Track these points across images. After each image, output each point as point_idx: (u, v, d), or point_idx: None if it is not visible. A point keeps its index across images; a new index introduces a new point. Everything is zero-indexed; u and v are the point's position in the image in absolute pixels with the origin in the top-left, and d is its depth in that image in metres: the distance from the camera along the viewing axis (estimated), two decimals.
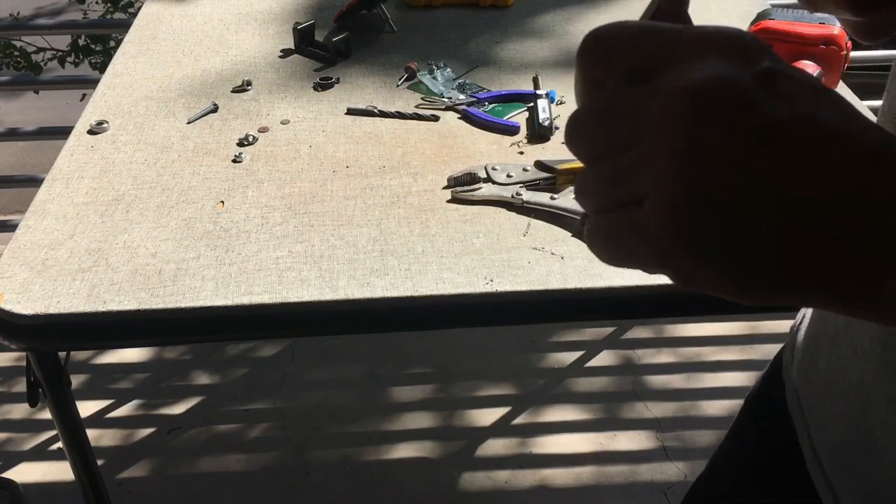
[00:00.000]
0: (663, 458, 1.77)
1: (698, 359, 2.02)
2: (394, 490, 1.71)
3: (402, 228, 0.90)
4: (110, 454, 1.77)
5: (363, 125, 1.10)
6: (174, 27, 1.36)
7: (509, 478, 1.73)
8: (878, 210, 0.28)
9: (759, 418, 0.79)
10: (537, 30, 1.36)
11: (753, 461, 0.78)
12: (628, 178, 0.30)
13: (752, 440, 0.79)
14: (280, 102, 1.15)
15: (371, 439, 1.81)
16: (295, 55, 1.27)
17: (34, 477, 1.73)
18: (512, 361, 2.01)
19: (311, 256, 0.87)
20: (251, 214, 0.93)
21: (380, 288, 0.83)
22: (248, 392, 1.93)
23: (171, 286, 0.83)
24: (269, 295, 0.82)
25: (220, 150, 1.04)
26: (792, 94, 0.29)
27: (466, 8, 1.42)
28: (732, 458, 0.82)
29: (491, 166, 0.96)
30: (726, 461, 0.83)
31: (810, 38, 1.08)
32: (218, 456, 1.78)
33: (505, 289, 0.83)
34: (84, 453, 0.99)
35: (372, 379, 1.97)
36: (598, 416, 1.87)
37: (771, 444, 0.74)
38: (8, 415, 1.89)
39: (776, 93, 0.28)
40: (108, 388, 1.94)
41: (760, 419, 0.78)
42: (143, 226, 0.91)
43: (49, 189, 0.97)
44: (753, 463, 0.78)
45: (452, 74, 1.20)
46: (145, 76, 1.21)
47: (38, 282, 0.83)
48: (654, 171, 0.28)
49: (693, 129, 0.28)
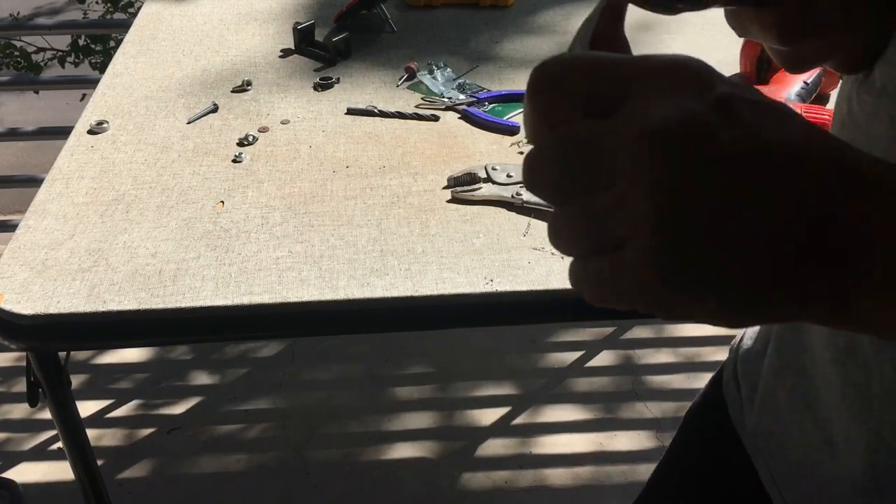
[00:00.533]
0: None
1: (698, 359, 2.02)
2: (394, 490, 1.71)
3: (402, 228, 0.90)
4: (110, 454, 1.77)
5: (363, 125, 1.10)
6: (174, 27, 1.36)
7: (509, 478, 1.73)
8: (849, 227, 0.28)
9: (702, 427, 0.80)
10: (537, 29, 1.36)
11: (697, 469, 0.79)
12: (605, 222, 0.29)
13: (695, 448, 0.80)
14: (280, 102, 1.15)
15: (371, 439, 1.81)
16: (295, 55, 1.27)
17: (34, 477, 1.73)
18: (512, 361, 2.01)
19: (311, 256, 0.87)
20: (251, 214, 0.93)
21: (380, 288, 0.83)
22: (248, 392, 1.93)
23: (171, 286, 0.83)
24: (269, 295, 0.82)
25: (220, 150, 1.04)
26: (752, 119, 0.28)
27: (466, 8, 1.42)
28: (677, 465, 0.83)
29: (491, 166, 0.96)
30: (671, 468, 0.84)
31: None
32: (218, 456, 1.78)
33: (505, 289, 0.83)
34: (84, 453, 0.99)
35: (372, 379, 1.97)
36: (598, 416, 1.87)
37: (714, 453, 0.75)
38: (8, 415, 1.89)
39: (735, 119, 0.28)
40: (108, 388, 1.94)
41: (703, 428, 0.79)
42: (143, 226, 0.91)
43: (49, 189, 0.97)
44: (696, 472, 0.78)
45: (452, 74, 1.20)
46: (145, 76, 1.21)
47: (38, 282, 0.83)
48: (632, 215, 0.28)
49: (666, 170, 0.28)
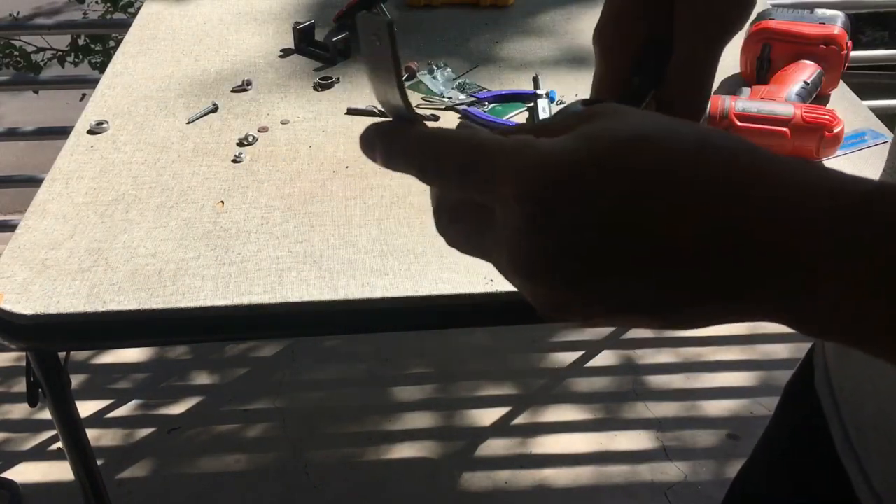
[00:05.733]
0: (663, 458, 1.77)
1: (698, 359, 2.02)
2: (394, 490, 1.71)
3: (402, 228, 0.90)
4: (110, 454, 1.77)
5: (363, 125, 1.09)
6: (174, 27, 1.36)
7: (509, 478, 1.73)
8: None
9: (796, 394, 0.78)
10: (537, 29, 1.36)
11: (792, 440, 0.77)
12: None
13: (788, 423, 0.79)
14: (280, 102, 1.15)
15: (371, 439, 1.81)
16: (295, 55, 1.27)
17: (34, 477, 1.72)
18: (512, 361, 2.01)
19: (311, 256, 0.87)
20: (251, 214, 0.93)
21: (380, 288, 0.83)
22: (248, 392, 1.93)
23: (171, 286, 0.83)
24: (269, 295, 0.82)
25: (219, 150, 1.04)
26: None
27: (466, 8, 1.42)
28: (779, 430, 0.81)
29: None
30: (771, 436, 0.82)
31: (810, 37, 1.08)
32: (218, 456, 1.78)
33: (505, 289, 0.83)
34: (84, 453, 0.98)
35: (372, 379, 1.97)
36: (598, 416, 1.87)
37: (809, 422, 0.73)
38: (8, 415, 1.89)
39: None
40: (108, 388, 1.94)
41: (798, 397, 0.78)
42: (142, 226, 0.91)
43: (49, 189, 0.97)
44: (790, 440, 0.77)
45: (452, 74, 1.20)
46: (145, 76, 1.21)
47: (38, 282, 0.83)
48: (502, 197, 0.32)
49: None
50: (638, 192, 0.30)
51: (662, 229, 0.30)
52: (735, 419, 1.85)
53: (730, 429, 1.82)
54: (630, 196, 0.30)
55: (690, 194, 0.30)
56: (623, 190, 0.30)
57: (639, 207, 0.30)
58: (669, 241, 0.30)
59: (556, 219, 0.30)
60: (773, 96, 1.03)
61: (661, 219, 0.30)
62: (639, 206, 0.30)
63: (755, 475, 0.82)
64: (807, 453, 0.72)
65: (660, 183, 0.30)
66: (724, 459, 1.75)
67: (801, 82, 1.05)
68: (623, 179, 0.30)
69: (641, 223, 0.30)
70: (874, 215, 0.29)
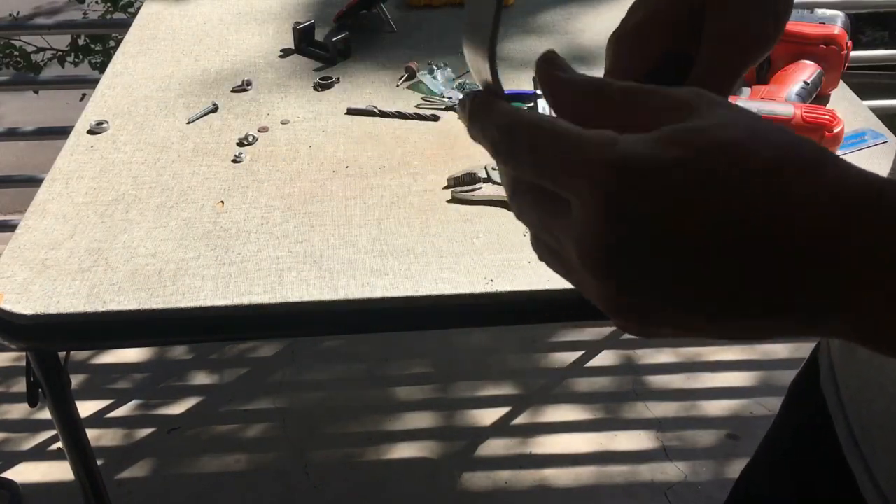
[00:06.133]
0: (663, 458, 1.77)
1: (698, 359, 2.02)
2: (394, 490, 1.71)
3: (402, 228, 0.90)
4: (110, 454, 1.77)
5: (363, 125, 1.10)
6: (174, 27, 1.36)
7: (509, 478, 1.73)
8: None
9: (800, 393, 0.78)
10: (538, 29, 1.36)
11: (795, 438, 0.77)
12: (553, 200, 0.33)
13: (792, 423, 0.79)
14: (280, 102, 1.15)
15: (371, 439, 1.81)
16: (295, 55, 1.27)
17: (34, 477, 1.72)
18: (512, 361, 2.01)
19: (311, 256, 0.87)
20: (251, 214, 0.93)
21: (380, 288, 0.83)
22: (248, 392, 1.93)
23: (171, 286, 0.83)
24: (269, 295, 0.82)
25: (219, 150, 1.04)
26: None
27: None
28: (783, 429, 0.81)
29: (491, 166, 0.96)
30: (774, 436, 0.82)
31: (810, 37, 1.08)
32: (218, 456, 1.78)
33: (505, 289, 0.83)
34: (84, 453, 0.99)
35: (372, 379, 1.97)
36: (598, 416, 1.87)
37: (812, 421, 0.73)
38: (8, 415, 1.89)
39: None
40: (108, 388, 1.94)
41: (803, 397, 0.77)
42: (142, 226, 0.91)
43: (49, 189, 0.97)
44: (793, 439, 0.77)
45: (452, 74, 1.20)
46: (145, 76, 1.21)
47: (38, 282, 0.83)
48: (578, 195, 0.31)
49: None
50: (735, 209, 0.29)
51: (760, 246, 0.29)
52: (735, 419, 1.85)
53: (730, 429, 1.82)
54: (726, 213, 0.29)
55: (800, 210, 0.29)
56: (720, 208, 0.29)
57: (740, 228, 0.29)
58: (766, 257, 0.29)
59: (638, 234, 0.29)
60: (773, 96, 1.03)
61: (762, 233, 0.29)
62: (740, 226, 0.29)
63: (757, 476, 0.82)
64: (810, 453, 0.72)
65: (763, 195, 0.29)
66: (724, 459, 1.75)
67: (801, 82, 1.05)
68: (720, 195, 0.29)
69: (745, 238, 0.29)
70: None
